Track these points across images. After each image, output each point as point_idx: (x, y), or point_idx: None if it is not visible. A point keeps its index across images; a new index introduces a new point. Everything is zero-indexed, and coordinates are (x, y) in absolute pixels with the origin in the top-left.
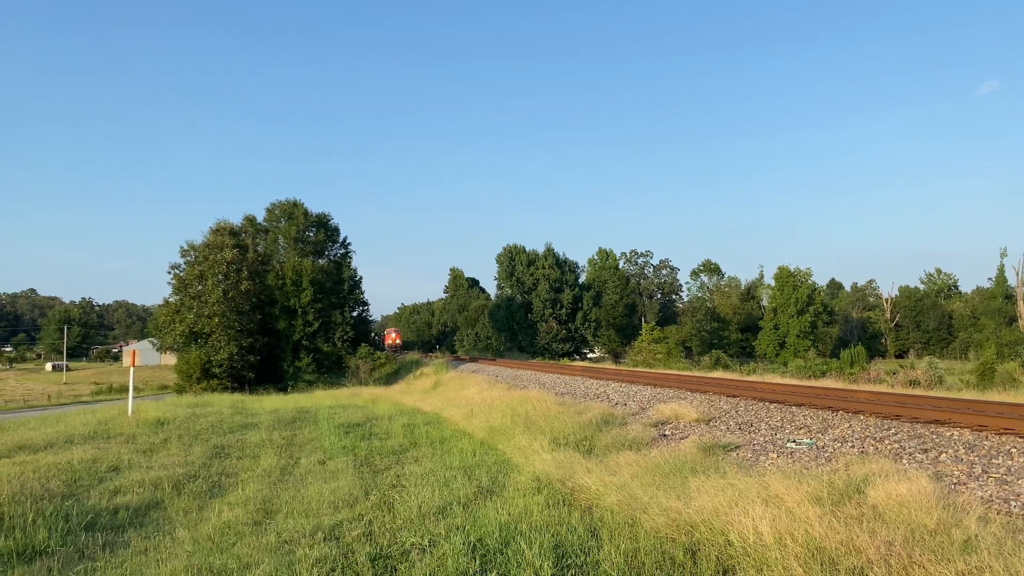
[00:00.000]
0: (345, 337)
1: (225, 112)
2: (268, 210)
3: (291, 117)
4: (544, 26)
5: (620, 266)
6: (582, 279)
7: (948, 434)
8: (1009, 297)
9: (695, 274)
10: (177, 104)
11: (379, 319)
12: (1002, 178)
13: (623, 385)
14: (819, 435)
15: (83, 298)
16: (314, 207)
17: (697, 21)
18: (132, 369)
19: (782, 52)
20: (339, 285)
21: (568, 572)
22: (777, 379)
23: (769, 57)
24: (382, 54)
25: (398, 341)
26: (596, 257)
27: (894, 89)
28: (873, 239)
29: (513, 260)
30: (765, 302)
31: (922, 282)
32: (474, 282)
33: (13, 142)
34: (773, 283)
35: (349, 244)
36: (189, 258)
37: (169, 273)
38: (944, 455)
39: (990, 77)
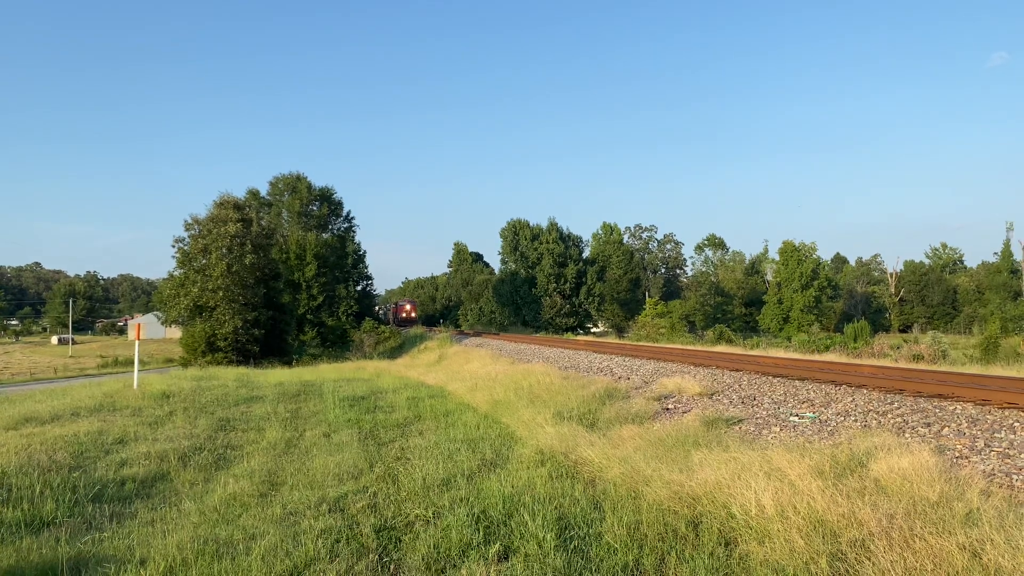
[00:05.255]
0: (349, 311)
1: (228, 85)
2: (272, 184)
3: (294, 91)
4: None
5: (624, 240)
6: (586, 254)
7: (951, 408)
8: (1014, 271)
9: (699, 248)
10: (181, 77)
11: (383, 293)
12: (1009, 152)
13: (626, 359)
14: (822, 409)
15: (88, 271)
16: (317, 181)
17: None
18: (137, 342)
19: (788, 23)
20: (343, 259)
21: (571, 543)
22: (780, 353)
23: (774, 27)
24: (385, 25)
25: (413, 314)
26: (600, 232)
27: (902, 60)
28: (879, 213)
29: (517, 235)
30: (769, 276)
31: (927, 256)
32: (478, 256)
33: (17, 115)
34: (778, 257)
35: (352, 218)
36: (193, 232)
37: (173, 247)
38: (947, 429)
39: (1000, 49)
